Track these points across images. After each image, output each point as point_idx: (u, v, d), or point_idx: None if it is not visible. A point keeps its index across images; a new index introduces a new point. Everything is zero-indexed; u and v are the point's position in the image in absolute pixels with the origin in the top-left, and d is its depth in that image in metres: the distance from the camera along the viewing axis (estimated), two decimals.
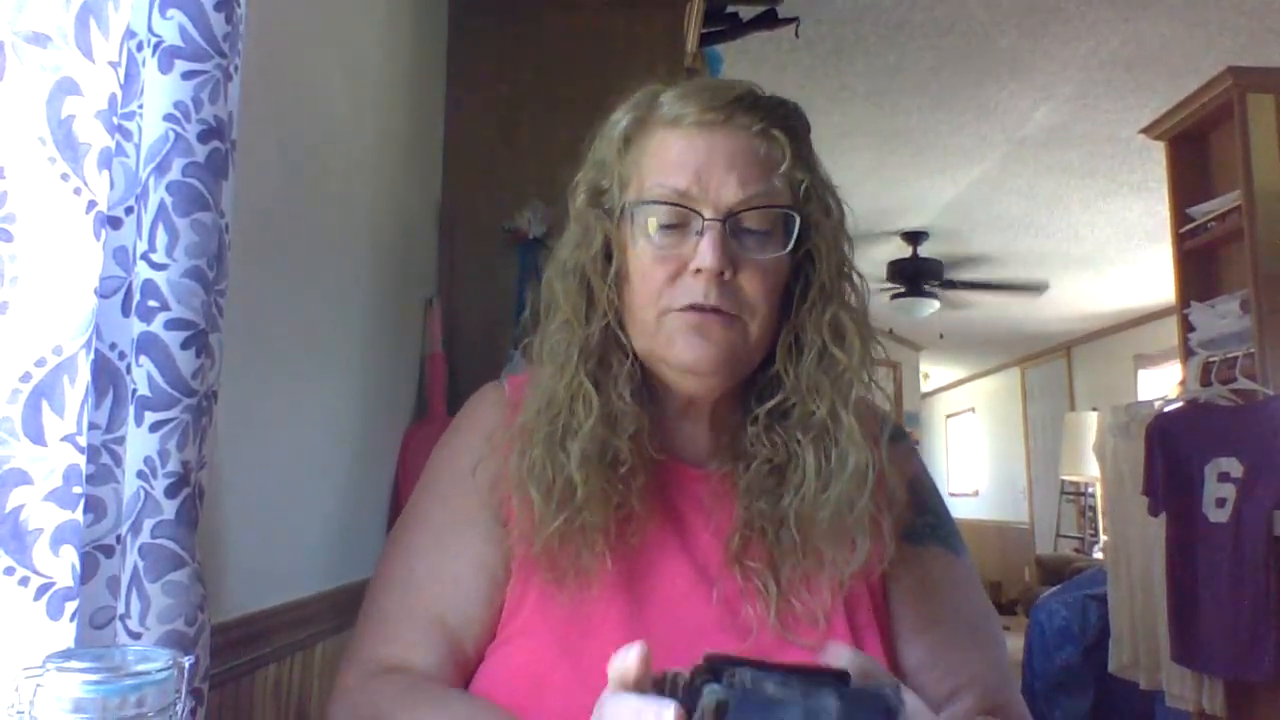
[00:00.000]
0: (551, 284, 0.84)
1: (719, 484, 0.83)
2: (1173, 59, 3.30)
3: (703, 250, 0.77)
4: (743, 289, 0.79)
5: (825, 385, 0.80)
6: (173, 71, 0.71)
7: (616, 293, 0.82)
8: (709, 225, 0.77)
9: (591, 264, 0.83)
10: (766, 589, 0.78)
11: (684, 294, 0.78)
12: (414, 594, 0.82)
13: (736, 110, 0.80)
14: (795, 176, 0.81)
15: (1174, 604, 2.74)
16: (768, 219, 0.80)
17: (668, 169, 0.80)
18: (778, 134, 0.81)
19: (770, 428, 0.82)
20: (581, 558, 0.77)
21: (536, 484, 0.78)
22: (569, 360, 0.81)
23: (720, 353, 0.79)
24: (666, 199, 0.79)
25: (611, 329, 0.82)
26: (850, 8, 3.02)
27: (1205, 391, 2.83)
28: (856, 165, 4.33)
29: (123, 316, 0.70)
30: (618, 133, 0.84)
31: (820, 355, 0.81)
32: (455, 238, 1.75)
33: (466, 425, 0.90)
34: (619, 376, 0.81)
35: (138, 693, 0.50)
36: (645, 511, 0.80)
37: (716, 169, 0.78)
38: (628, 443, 0.79)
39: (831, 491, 0.78)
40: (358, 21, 1.37)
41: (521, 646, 0.78)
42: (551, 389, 0.81)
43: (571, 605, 0.77)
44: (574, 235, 0.85)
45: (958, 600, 0.86)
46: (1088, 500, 6.81)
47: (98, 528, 0.67)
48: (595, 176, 0.85)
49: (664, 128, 0.82)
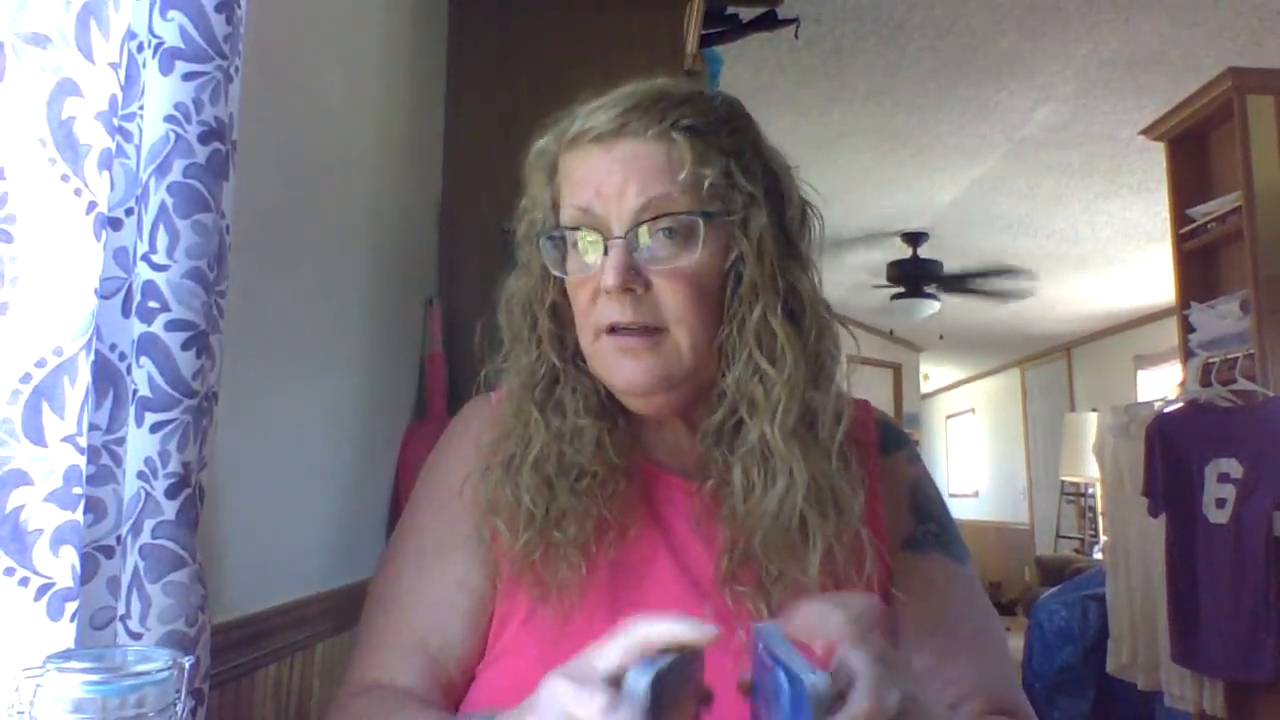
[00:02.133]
0: (499, 317, 0.86)
1: (710, 498, 0.81)
2: (1173, 59, 3.30)
3: (605, 270, 0.76)
4: (661, 301, 0.76)
5: (758, 397, 0.77)
6: (173, 73, 0.71)
7: (554, 319, 0.83)
8: (611, 244, 0.76)
9: (533, 293, 0.84)
10: (757, 611, 0.76)
11: (604, 314, 0.77)
12: (398, 616, 0.83)
13: (631, 117, 0.78)
14: (701, 174, 0.77)
15: (1174, 605, 2.75)
16: (677, 227, 0.76)
17: (574, 190, 0.79)
18: (677, 135, 0.77)
19: (718, 443, 0.80)
20: (560, 573, 0.77)
21: (497, 511, 0.79)
22: (515, 388, 0.83)
23: (651, 373, 0.77)
24: (575, 221, 0.79)
25: (557, 353, 0.83)
26: (850, 8, 3.02)
27: (1205, 392, 2.83)
28: (856, 165, 4.33)
29: (123, 317, 0.70)
30: (543, 161, 0.84)
31: (748, 365, 0.77)
32: (455, 238, 1.75)
33: (455, 441, 0.90)
34: (570, 398, 0.82)
35: (138, 693, 0.50)
36: (626, 521, 0.80)
37: (614, 182, 0.77)
38: (589, 455, 0.79)
39: (761, 510, 0.75)
40: (358, 21, 1.37)
41: (510, 664, 0.78)
42: (505, 416, 0.83)
43: (558, 619, 0.77)
44: (519, 267, 0.86)
45: (961, 609, 0.85)
46: (1088, 501, 6.81)
47: (98, 528, 0.67)
48: (528, 205, 0.86)
49: (570, 149, 0.81)
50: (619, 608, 0.77)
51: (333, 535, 1.27)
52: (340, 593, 1.23)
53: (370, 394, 1.42)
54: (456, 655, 0.81)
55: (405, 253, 1.60)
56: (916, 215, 5.11)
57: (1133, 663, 3.02)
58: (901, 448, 0.92)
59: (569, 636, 0.76)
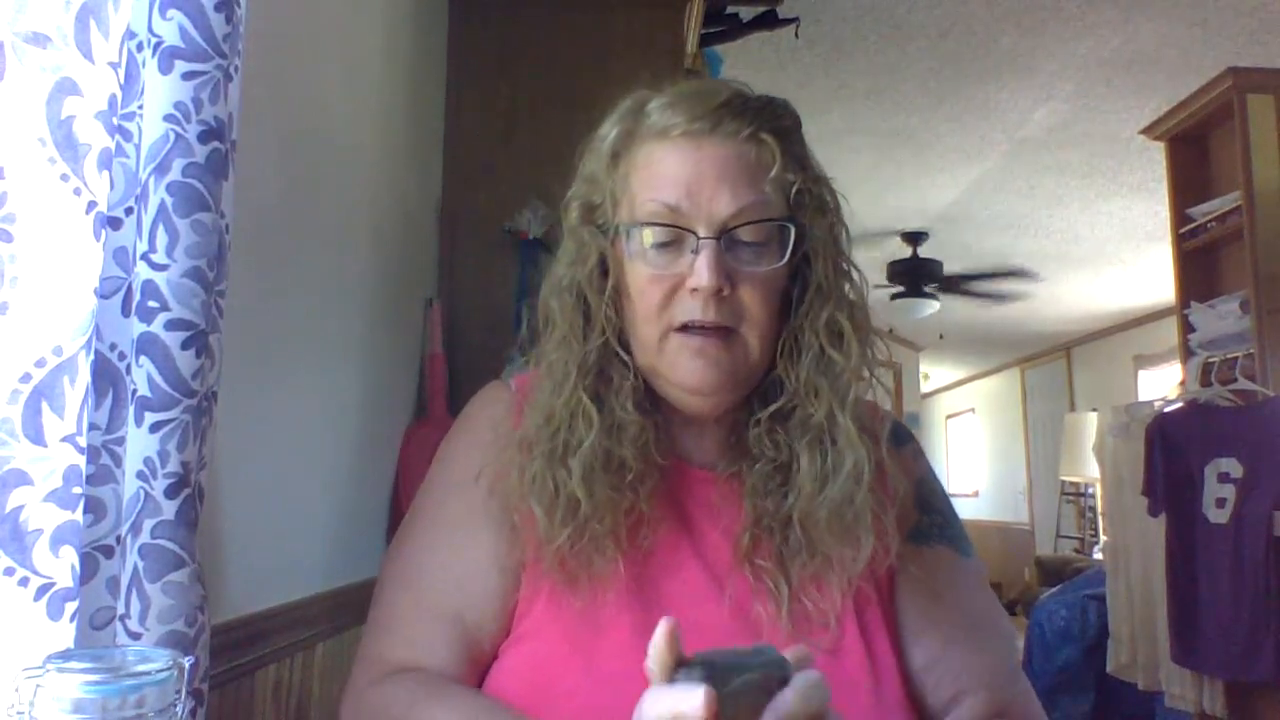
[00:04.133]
0: (548, 301, 0.84)
1: (726, 485, 0.83)
2: (1173, 59, 3.30)
3: (699, 269, 0.76)
4: (741, 302, 0.78)
5: (824, 387, 0.80)
6: (173, 72, 0.71)
7: (614, 308, 0.82)
8: (704, 243, 0.77)
9: (588, 281, 0.82)
10: (777, 588, 0.78)
11: (682, 311, 0.78)
12: (426, 592, 0.82)
13: (724, 116, 0.78)
14: (787, 179, 0.80)
15: (1174, 605, 2.75)
16: (763, 231, 0.79)
17: (658, 185, 0.79)
18: (766, 137, 0.79)
19: (772, 430, 0.82)
20: (594, 563, 0.77)
21: (538, 499, 0.78)
22: (567, 377, 0.81)
23: (722, 373, 0.79)
24: (659, 218, 0.78)
25: (610, 345, 0.82)
26: (850, 8, 3.02)
27: (1205, 392, 2.83)
28: (856, 165, 4.33)
29: (123, 317, 0.70)
30: (606, 147, 0.83)
31: (818, 357, 0.81)
32: (455, 238, 1.75)
33: (473, 425, 0.89)
34: (619, 390, 0.81)
35: (138, 693, 0.50)
36: (656, 515, 0.80)
37: (707, 182, 0.77)
38: (633, 450, 0.79)
39: (829, 492, 0.78)
40: (358, 21, 1.37)
41: (533, 647, 0.78)
42: (550, 405, 0.81)
43: (583, 607, 0.77)
44: (569, 252, 0.84)
45: (964, 600, 0.86)
46: (1087, 501, 6.81)
47: (98, 528, 0.67)
48: (587, 192, 0.85)
49: (651, 140, 0.80)
50: (643, 598, 0.78)
51: (333, 535, 1.27)
52: (340, 593, 1.23)
53: (370, 394, 1.42)
54: (491, 630, 0.80)
55: (405, 253, 1.60)
56: (916, 215, 5.11)
57: (1133, 663, 3.02)
58: (907, 442, 0.93)
59: (592, 624, 0.76)
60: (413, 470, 1.50)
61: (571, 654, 0.76)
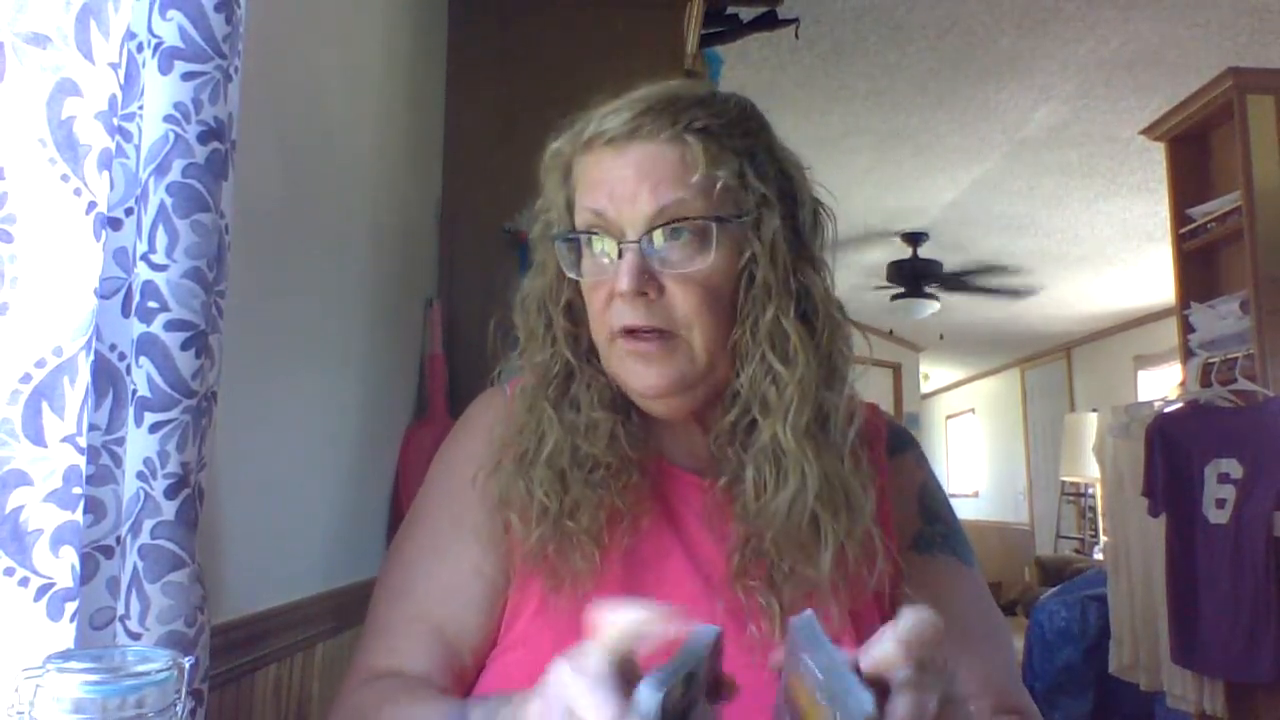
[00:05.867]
0: (515, 314, 0.87)
1: (721, 495, 0.81)
2: (1173, 59, 3.30)
3: (619, 274, 0.76)
4: (674, 304, 0.77)
5: (771, 397, 0.77)
6: (173, 72, 0.71)
7: (570, 318, 0.84)
8: (624, 247, 0.77)
9: (548, 292, 0.85)
10: (769, 606, 0.77)
11: (617, 316, 0.78)
12: (411, 603, 0.83)
13: (644, 120, 0.78)
14: (714, 177, 0.77)
15: (1174, 605, 2.75)
16: (693, 230, 0.76)
17: (588, 193, 0.79)
18: (690, 138, 0.77)
19: (731, 442, 0.80)
20: (574, 563, 0.77)
21: (511, 504, 0.80)
22: (530, 385, 0.84)
23: (664, 376, 0.78)
24: (586, 225, 0.79)
25: (572, 351, 0.83)
26: (850, 8, 3.02)
27: (1205, 392, 2.83)
28: (856, 165, 4.33)
29: (123, 317, 0.70)
30: (557, 163, 0.85)
31: (761, 366, 0.78)
32: (455, 238, 1.75)
33: (469, 431, 0.90)
34: (585, 393, 0.82)
35: (138, 693, 0.50)
36: (638, 512, 0.80)
37: (627, 185, 0.77)
38: (603, 446, 0.80)
39: (773, 509, 0.76)
40: (358, 21, 1.37)
41: (522, 655, 0.78)
42: (519, 413, 0.84)
43: (571, 611, 0.77)
44: (534, 266, 0.87)
45: (967, 609, 0.85)
46: (1088, 501, 6.81)
47: (97, 528, 0.67)
48: (543, 206, 0.87)
49: (584, 151, 0.81)
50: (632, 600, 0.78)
51: (333, 535, 1.27)
52: (340, 593, 1.23)
53: (370, 394, 1.42)
54: (472, 643, 0.81)
55: (405, 253, 1.60)
56: (916, 215, 5.11)
57: (1135, 663, 3.02)
58: (909, 449, 0.93)
59: (583, 627, 0.76)
60: (413, 470, 1.50)
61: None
